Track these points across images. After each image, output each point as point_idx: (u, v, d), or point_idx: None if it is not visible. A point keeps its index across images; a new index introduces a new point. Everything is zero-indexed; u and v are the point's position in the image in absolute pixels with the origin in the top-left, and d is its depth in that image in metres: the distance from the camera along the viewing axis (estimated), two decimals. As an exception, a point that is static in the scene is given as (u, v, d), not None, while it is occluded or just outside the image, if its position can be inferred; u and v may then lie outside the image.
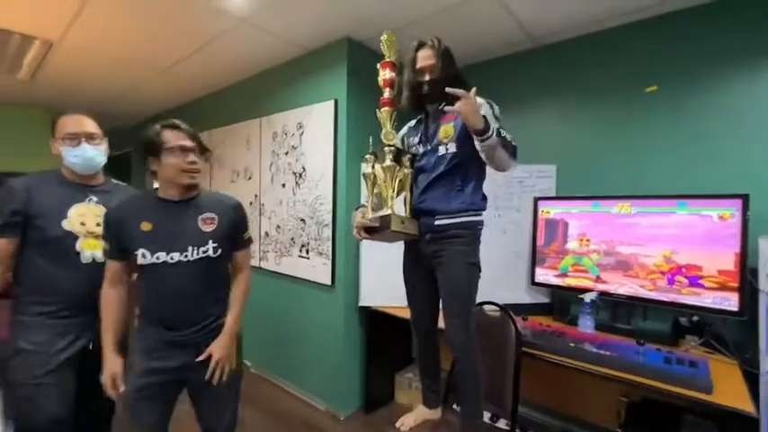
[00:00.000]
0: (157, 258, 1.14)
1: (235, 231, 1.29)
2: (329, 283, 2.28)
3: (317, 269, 2.35)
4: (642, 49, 1.93)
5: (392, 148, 1.37)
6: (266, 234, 2.73)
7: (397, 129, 1.49)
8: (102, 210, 1.34)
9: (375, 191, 1.42)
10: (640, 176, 1.94)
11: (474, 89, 1.19)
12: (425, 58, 1.42)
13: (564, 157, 2.17)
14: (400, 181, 1.40)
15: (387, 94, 1.40)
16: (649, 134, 1.91)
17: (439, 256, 1.40)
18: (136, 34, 2.24)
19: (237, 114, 3.00)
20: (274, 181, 2.65)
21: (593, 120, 2.09)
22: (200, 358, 1.20)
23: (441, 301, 1.45)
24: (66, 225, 1.30)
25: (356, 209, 1.51)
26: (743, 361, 1.50)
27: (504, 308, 1.63)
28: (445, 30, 2.04)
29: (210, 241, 1.20)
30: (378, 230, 1.37)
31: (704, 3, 1.74)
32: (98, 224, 1.32)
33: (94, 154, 1.35)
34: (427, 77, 1.41)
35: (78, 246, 1.31)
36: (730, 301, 1.57)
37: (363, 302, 2.28)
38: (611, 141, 2.03)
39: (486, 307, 1.69)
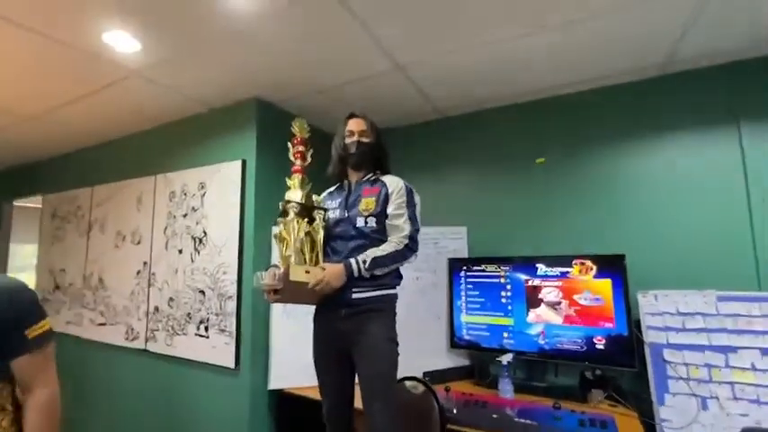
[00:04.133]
0: None
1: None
2: (232, 365, 1.96)
3: (218, 349, 2.02)
4: (535, 125, 2.20)
5: (294, 203, 1.37)
6: (156, 309, 2.32)
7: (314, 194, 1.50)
8: None
9: (287, 252, 1.35)
10: (540, 238, 2.11)
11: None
12: (357, 124, 1.50)
13: (473, 219, 2.29)
14: (309, 234, 1.37)
15: (298, 163, 1.44)
16: (544, 201, 2.12)
17: (357, 333, 1.29)
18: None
19: (128, 170, 2.64)
20: (169, 246, 2.31)
21: (497, 185, 2.27)
22: None
23: (360, 383, 1.31)
24: None
25: (266, 269, 1.37)
26: (641, 413, 1.60)
27: (427, 383, 1.54)
28: (355, 99, 2.10)
29: None
30: (285, 290, 1.27)
31: (586, 89, 2.06)
32: None
33: None
34: (356, 138, 1.47)
35: None
36: (623, 354, 1.71)
37: (273, 385, 1.99)
38: (514, 206, 2.20)
39: (407, 383, 1.58)
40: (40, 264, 3.18)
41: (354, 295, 1.30)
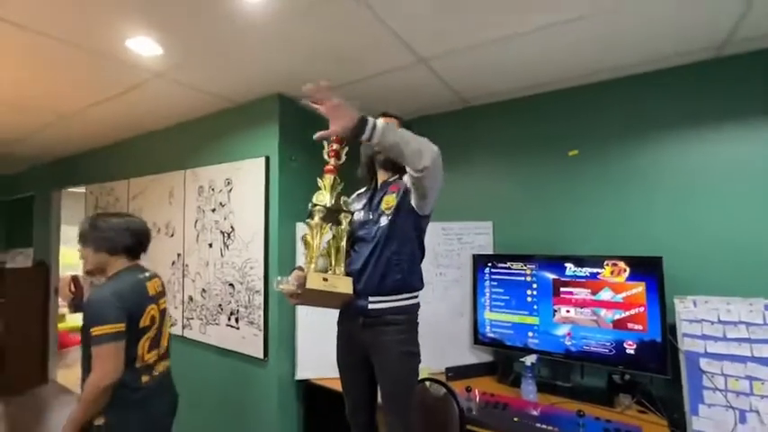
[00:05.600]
0: None
1: (86, 326, 1.27)
2: (261, 356, 2.05)
3: (248, 340, 2.12)
4: (566, 115, 2.06)
5: (320, 207, 1.32)
6: (190, 298, 2.44)
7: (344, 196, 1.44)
8: None
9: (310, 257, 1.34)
10: (570, 235, 2.02)
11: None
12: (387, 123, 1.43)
13: (500, 214, 2.21)
14: (335, 237, 1.34)
15: (332, 162, 1.37)
16: (575, 197, 2.01)
17: (373, 345, 1.29)
18: (30, 80, 1.96)
19: (160, 164, 2.73)
20: (200, 240, 2.41)
21: (526, 179, 2.17)
22: None
23: (379, 390, 1.33)
24: None
25: (291, 270, 1.38)
26: (671, 422, 1.55)
27: (448, 386, 1.55)
28: (379, 90, 2.05)
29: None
30: (303, 295, 1.25)
31: (621, 76, 1.90)
32: None
33: None
34: None
35: None
36: (654, 361, 1.64)
37: (301, 375, 2.08)
38: (543, 201, 2.10)
39: (428, 383, 1.60)
40: (86, 250, 3.41)
41: (371, 306, 1.29)
